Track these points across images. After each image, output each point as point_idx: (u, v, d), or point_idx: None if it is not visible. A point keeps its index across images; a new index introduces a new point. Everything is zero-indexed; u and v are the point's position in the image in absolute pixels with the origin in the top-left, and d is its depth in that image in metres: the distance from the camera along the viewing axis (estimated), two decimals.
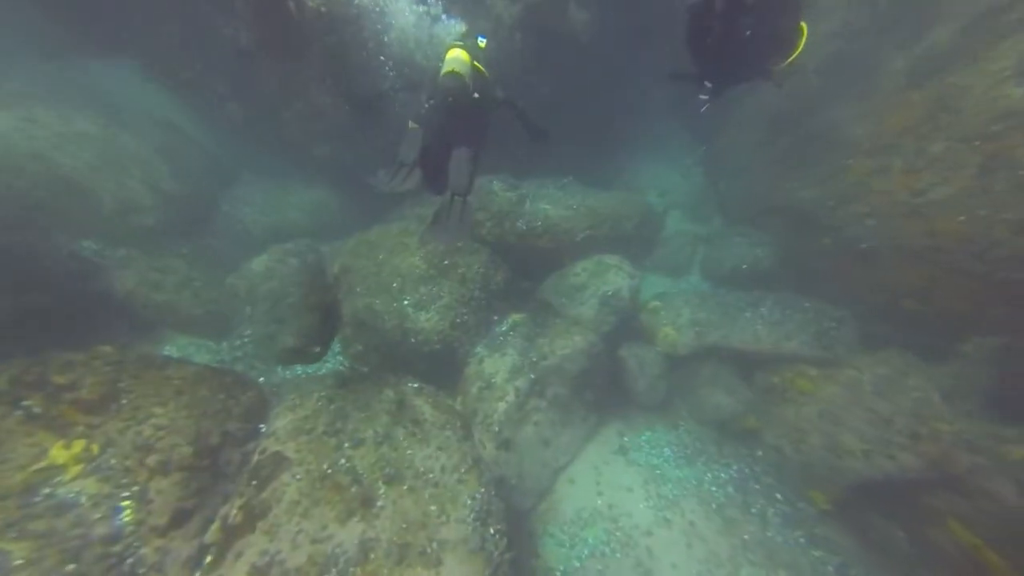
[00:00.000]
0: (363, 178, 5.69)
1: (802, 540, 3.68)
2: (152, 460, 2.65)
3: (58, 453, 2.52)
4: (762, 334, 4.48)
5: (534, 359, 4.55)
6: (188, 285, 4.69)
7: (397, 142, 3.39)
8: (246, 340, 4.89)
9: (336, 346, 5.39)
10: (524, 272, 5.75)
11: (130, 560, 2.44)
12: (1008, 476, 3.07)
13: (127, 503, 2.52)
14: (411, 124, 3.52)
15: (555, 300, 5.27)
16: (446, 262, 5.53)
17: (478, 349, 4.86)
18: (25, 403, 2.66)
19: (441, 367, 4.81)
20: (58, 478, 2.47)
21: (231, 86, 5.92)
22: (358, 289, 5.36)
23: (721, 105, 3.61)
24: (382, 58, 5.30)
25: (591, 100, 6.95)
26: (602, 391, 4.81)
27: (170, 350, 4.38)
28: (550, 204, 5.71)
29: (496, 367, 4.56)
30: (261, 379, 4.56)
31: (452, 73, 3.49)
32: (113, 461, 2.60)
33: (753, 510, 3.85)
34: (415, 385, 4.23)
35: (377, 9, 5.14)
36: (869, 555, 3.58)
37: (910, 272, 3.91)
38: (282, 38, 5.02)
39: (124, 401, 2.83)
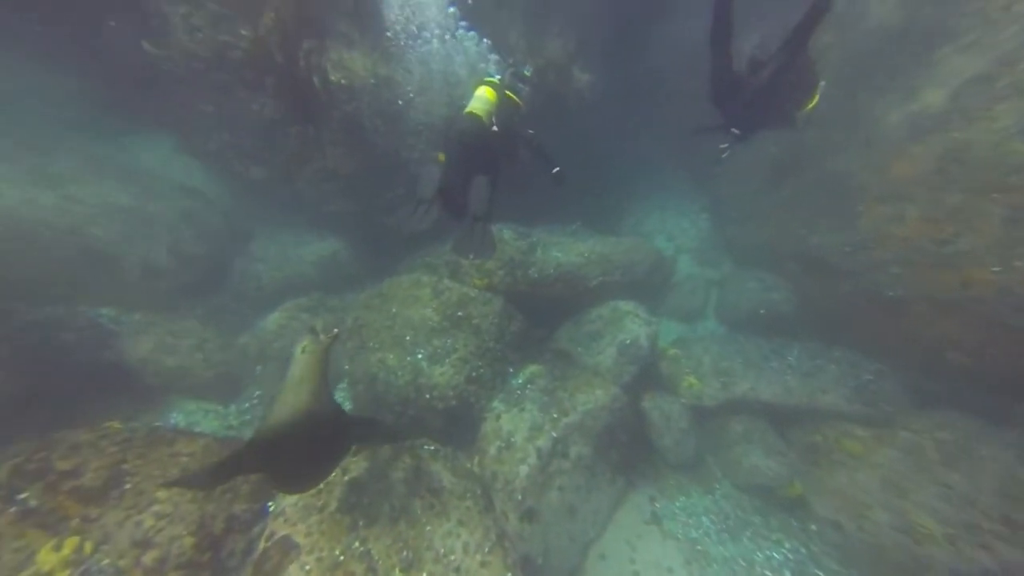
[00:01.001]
0: (382, 220, 5.72)
1: None
2: (149, 558, 2.43)
3: (45, 558, 2.31)
4: (793, 386, 4.27)
5: (555, 415, 4.35)
6: (200, 347, 4.63)
7: (417, 179, 3.47)
8: (255, 402, 4.73)
9: (346, 405, 5.22)
10: (538, 320, 5.67)
11: None
12: None
13: None
14: (439, 156, 3.69)
15: (572, 349, 5.14)
16: (459, 313, 5.47)
17: (495, 404, 4.67)
18: (21, 496, 2.50)
19: (457, 424, 4.60)
20: None
21: (253, 152, 6.22)
22: (371, 344, 5.27)
23: (732, 152, 3.70)
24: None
25: (597, 151, 7.23)
26: (628, 449, 4.54)
27: (177, 417, 4.23)
28: (561, 251, 5.74)
29: (515, 424, 4.35)
30: None
31: (471, 114, 3.72)
32: (106, 562, 2.38)
33: None
34: (431, 448, 4.01)
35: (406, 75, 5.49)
36: None
37: (949, 323, 3.79)
38: (304, 109, 5.31)
39: (128, 486, 2.66)
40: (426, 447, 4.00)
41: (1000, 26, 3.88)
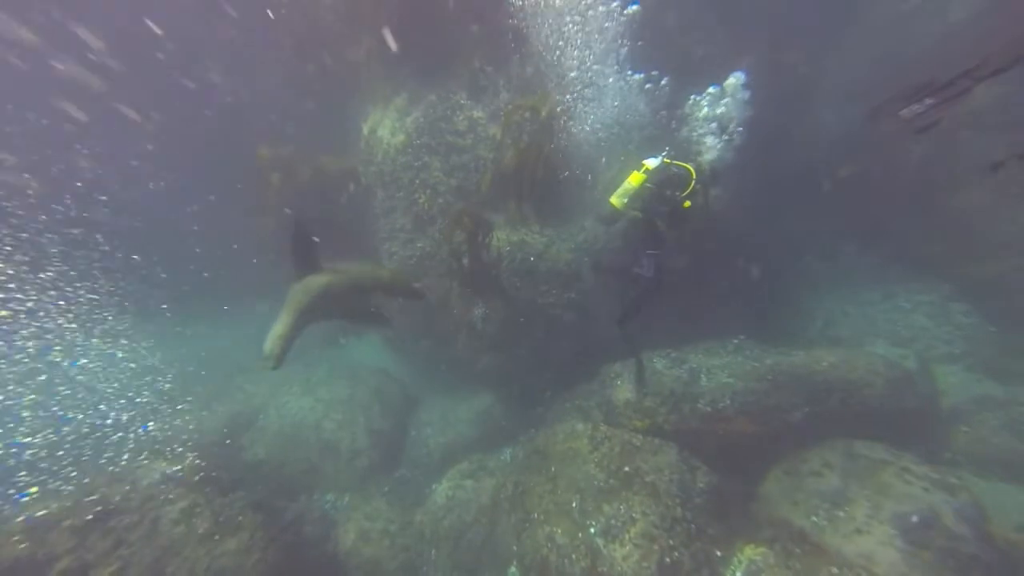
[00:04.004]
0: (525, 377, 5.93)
1: None
2: None
3: None
4: None
5: None
6: (387, 531, 4.92)
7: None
8: None
9: None
10: (726, 467, 4.33)
11: None
12: None
13: None
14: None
15: (802, 520, 3.59)
16: (626, 468, 4.63)
17: None
18: None
19: None
20: None
21: (423, 328, 7.49)
22: (535, 515, 4.76)
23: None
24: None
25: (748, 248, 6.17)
26: None
27: None
28: (732, 376, 4.60)
29: None
30: None
31: (609, 203, 4.65)
32: None
33: None
34: None
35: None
36: None
37: None
38: (478, 285, 6.17)
39: None
40: None
41: None
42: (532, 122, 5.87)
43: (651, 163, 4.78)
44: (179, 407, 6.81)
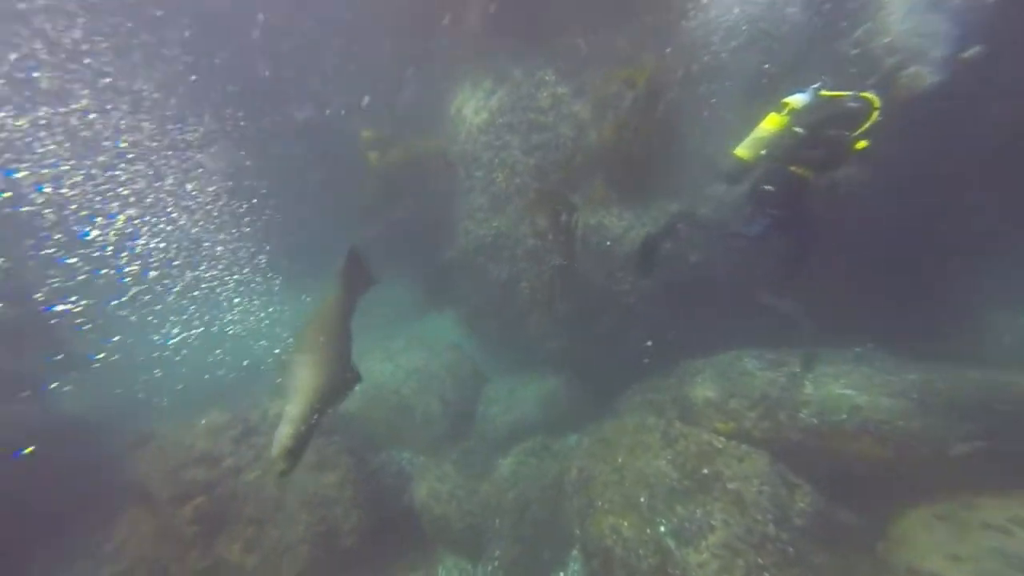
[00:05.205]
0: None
1: None
2: None
3: None
4: None
5: None
6: (455, 495, 5.22)
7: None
8: (496, 564, 4.74)
9: None
10: (837, 495, 3.77)
11: None
12: None
13: None
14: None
15: None
16: (704, 471, 4.32)
17: None
18: None
19: None
20: None
21: (495, 310, 7.67)
22: (599, 503, 4.68)
23: None
24: None
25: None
26: None
27: (443, 572, 4.69)
28: (852, 388, 3.93)
29: None
30: None
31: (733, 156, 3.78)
32: None
33: None
34: None
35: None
36: None
37: None
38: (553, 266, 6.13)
39: None
40: None
41: None
42: (629, 96, 5.45)
43: (798, 100, 3.59)
44: None
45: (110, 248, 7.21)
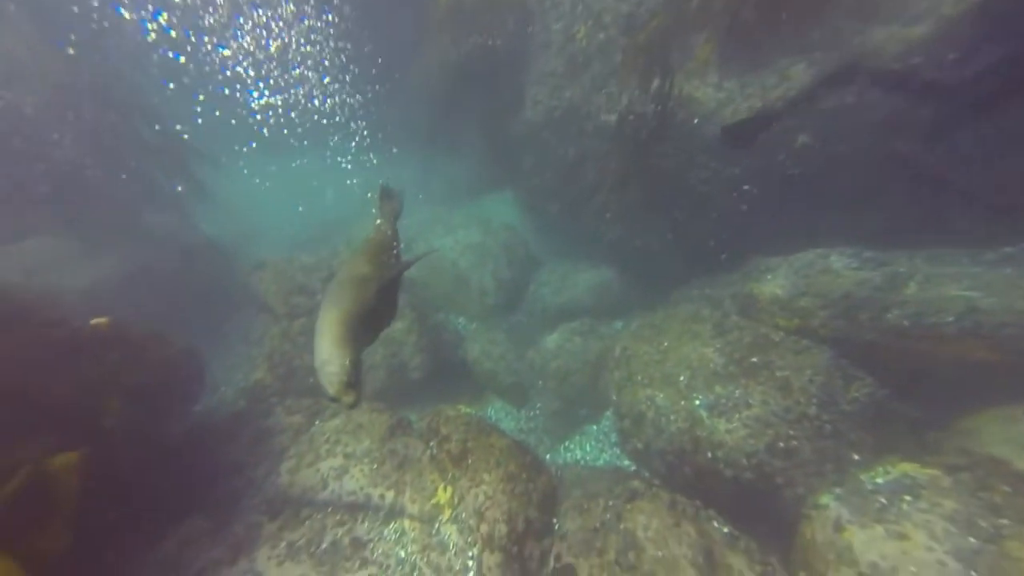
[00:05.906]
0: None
1: None
2: (484, 529, 3.04)
3: (440, 494, 3.33)
4: None
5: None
6: (504, 357, 5.79)
7: None
8: (537, 413, 5.41)
9: (612, 436, 5.11)
10: (912, 394, 3.63)
11: None
12: None
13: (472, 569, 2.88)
14: None
15: (1012, 455, 2.90)
16: (754, 359, 4.31)
17: (826, 501, 3.21)
18: (432, 442, 3.78)
19: (751, 504, 3.54)
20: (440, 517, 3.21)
21: (555, 190, 7.40)
22: (639, 377, 4.96)
23: None
24: None
25: None
26: None
27: (491, 411, 5.47)
28: (975, 289, 3.45)
29: (884, 551, 2.75)
30: (547, 455, 4.82)
31: None
32: (464, 515, 3.14)
33: None
34: (725, 531, 3.20)
35: None
36: None
37: None
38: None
39: (470, 460, 3.50)
40: (716, 525, 3.23)
41: None
42: None
43: None
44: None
45: None
